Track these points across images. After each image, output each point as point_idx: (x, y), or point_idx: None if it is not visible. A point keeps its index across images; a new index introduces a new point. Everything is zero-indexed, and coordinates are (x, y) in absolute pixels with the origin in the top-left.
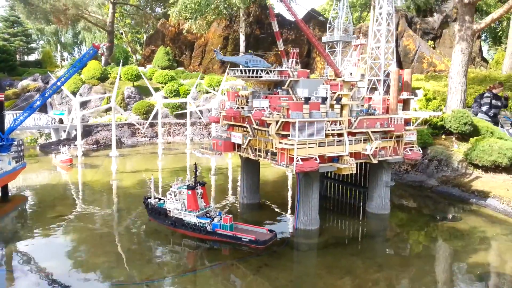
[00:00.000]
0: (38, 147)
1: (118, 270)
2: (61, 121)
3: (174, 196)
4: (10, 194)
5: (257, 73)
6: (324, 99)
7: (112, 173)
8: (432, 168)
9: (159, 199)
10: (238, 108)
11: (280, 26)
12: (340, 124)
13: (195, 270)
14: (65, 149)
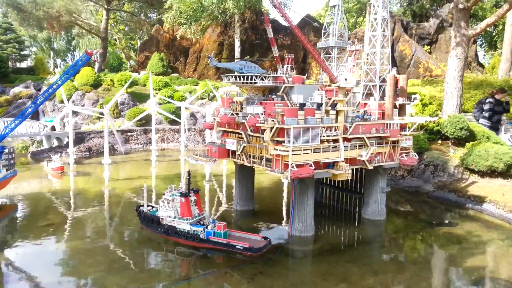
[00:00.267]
0: (30, 155)
1: (110, 278)
2: (53, 128)
3: (167, 203)
4: (0, 202)
5: (251, 79)
6: (319, 105)
7: (105, 180)
8: (428, 174)
9: (152, 207)
10: (232, 114)
11: (276, 31)
12: (335, 130)
13: (188, 278)
14: (57, 157)
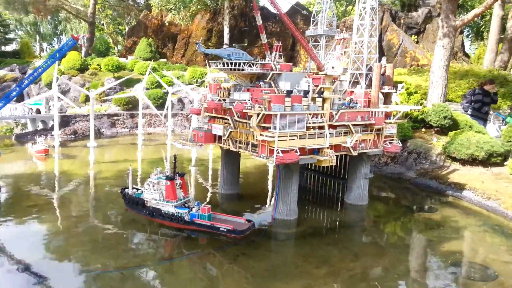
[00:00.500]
0: (14, 137)
1: (94, 258)
2: (38, 111)
3: (153, 186)
4: None
5: (239, 65)
6: (306, 92)
7: (90, 163)
8: (411, 161)
9: (137, 189)
10: (219, 100)
11: (265, 19)
12: (321, 117)
13: (172, 258)
14: (41, 139)
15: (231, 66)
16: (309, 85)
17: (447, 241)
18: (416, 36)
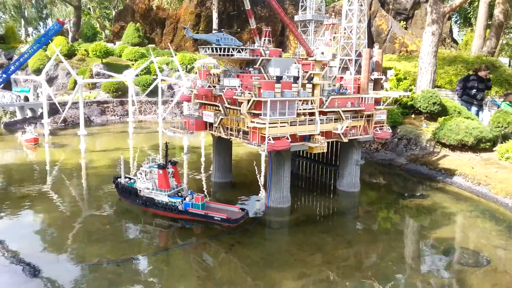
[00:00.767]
0: (3, 126)
1: (89, 249)
2: (26, 99)
3: (145, 175)
4: None
5: (228, 51)
6: (296, 78)
7: (81, 152)
8: (402, 147)
9: (130, 179)
10: (209, 86)
11: (254, 3)
12: (311, 103)
13: (167, 249)
14: (31, 128)
15: (220, 51)
16: (298, 71)
17: (439, 227)
18: (405, 22)
